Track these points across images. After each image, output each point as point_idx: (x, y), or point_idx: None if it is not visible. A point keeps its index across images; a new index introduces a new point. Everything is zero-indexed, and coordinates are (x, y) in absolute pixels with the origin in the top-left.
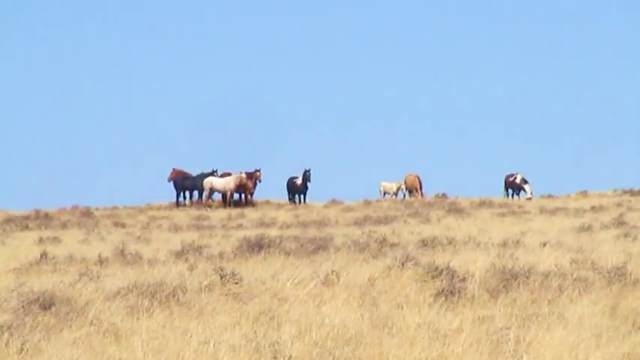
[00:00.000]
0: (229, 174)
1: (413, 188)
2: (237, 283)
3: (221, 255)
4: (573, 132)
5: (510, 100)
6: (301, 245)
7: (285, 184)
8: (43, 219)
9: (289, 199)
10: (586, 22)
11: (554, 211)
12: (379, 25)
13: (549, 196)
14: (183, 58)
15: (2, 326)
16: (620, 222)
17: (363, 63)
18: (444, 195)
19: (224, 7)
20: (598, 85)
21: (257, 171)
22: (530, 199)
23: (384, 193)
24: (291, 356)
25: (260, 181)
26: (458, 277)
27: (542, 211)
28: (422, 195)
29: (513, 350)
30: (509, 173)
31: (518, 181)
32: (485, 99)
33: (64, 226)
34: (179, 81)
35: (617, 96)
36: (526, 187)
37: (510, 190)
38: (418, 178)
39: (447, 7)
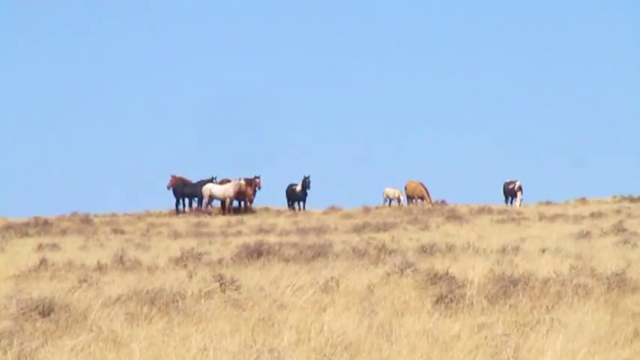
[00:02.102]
0: (228, 181)
1: (414, 196)
2: (236, 290)
3: (220, 262)
4: (572, 138)
5: (510, 107)
6: (300, 252)
7: (285, 190)
8: (42, 226)
9: (288, 205)
10: (586, 29)
11: (553, 218)
12: (379, 31)
13: (548, 202)
14: (181, 64)
15: (1, 333)
16: (619, 228)
17: (362, 69)
18: (443, 202)
19: (223, 12)
20: (597, 92)
21: (256, 178)
22: (518, 204)
23: (389, 200)
24: None
25: (259, 188)
26: (457, 283)
27: (542, 217)
28: (431, 203)
29: (512, 357)
30: (508, 180)
31: (515, 188)
32: (485, 105)
33: (63, 232)
34: (178, 88)
35: (617, 102)
36: (518, 193)
37: (510, 197)
38: (422, 185)
39: (447, 14)
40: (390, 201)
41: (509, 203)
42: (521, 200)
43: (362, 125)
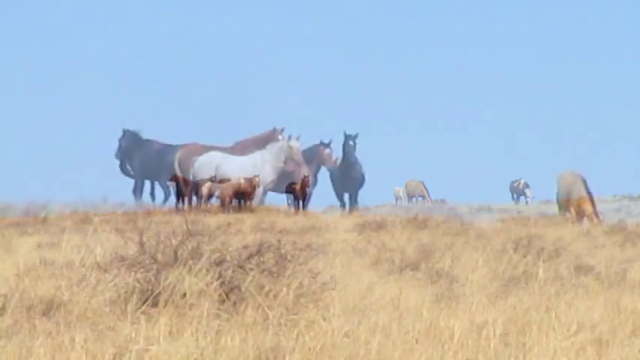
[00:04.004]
0: (228, 179)
1: (414, 194)
2: (235, 289)
3: (220, 261)
4: (572, 137)
5: (510, 106)
6: (300, 250)
7: (284, 189)
8: (41, 224)
9: (288, 204)
10: (586, 27)
11: (552, 216)
12: (377, 29)
13: (548, 201)
14: (180, 63)
15: (0, 332)
16: (619, 227)
17: (362, 67)
18: (442, 200)
19: (220, 7)
20: (597, 90)
21: (256, 176)
22: (527, 202)
23: (397, 198)
24: None
25: (259, 187)
26: (457, 282)
27: (542, 216)
28: (431, 201)
29: (512, 356)
30: (514, 179)
31: (521, 186)
32: (485, 104)
33: (62, 231)
34: (177, 87)
35: (617, 101)
36: (527, 191)
37: (516, 196)
38: (422, 184)
39: (447, 12)
40: (401, 199)
41: (515, 202)
42: (532, 197)
43: (361, 125)
